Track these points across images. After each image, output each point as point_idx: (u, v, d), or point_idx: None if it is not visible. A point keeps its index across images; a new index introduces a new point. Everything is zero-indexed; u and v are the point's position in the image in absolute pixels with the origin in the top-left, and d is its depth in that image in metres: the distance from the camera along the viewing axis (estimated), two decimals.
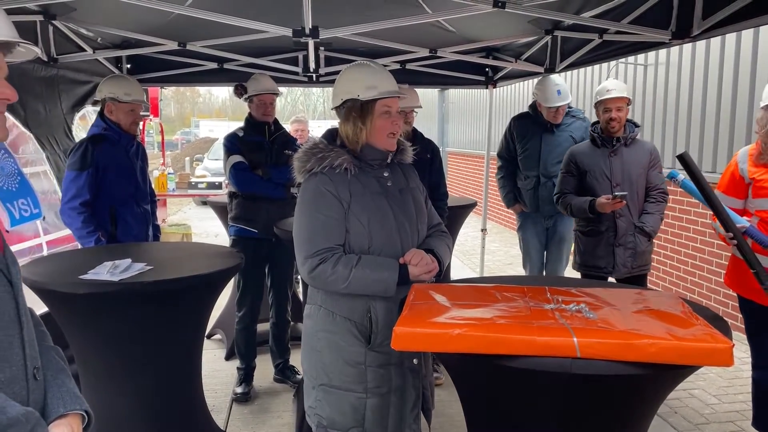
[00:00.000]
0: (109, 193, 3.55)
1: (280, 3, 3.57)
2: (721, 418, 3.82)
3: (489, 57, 5.31)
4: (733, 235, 2.67)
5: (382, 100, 2.20)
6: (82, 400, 1.36)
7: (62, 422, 1.29)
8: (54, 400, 1.31)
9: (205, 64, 5.09)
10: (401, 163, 2.40)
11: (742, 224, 2.79)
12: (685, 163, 2.52)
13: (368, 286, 2.11)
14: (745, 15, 2.87)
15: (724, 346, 1.58)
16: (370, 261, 2.13)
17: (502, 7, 3.06)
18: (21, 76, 3.87)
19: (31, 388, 1.26)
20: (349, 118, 2.21)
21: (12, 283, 1.26)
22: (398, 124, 2.25)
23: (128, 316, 2.63)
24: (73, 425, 1.30)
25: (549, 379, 1.63)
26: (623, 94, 3.70)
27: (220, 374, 4.44)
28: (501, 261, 8.78)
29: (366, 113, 2.20)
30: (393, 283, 2.11)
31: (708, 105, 5.70)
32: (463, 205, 4.67)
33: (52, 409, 1.30)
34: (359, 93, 2.19)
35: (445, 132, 15.94)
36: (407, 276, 2.15)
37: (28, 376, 1.26)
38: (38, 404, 1.28)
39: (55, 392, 1.33)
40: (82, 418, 1.35)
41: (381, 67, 2.31)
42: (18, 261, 1.35)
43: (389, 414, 2.23)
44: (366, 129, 2.20)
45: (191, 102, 58.72)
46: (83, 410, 1.35)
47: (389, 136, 2.24)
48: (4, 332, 1.21)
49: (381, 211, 2.20)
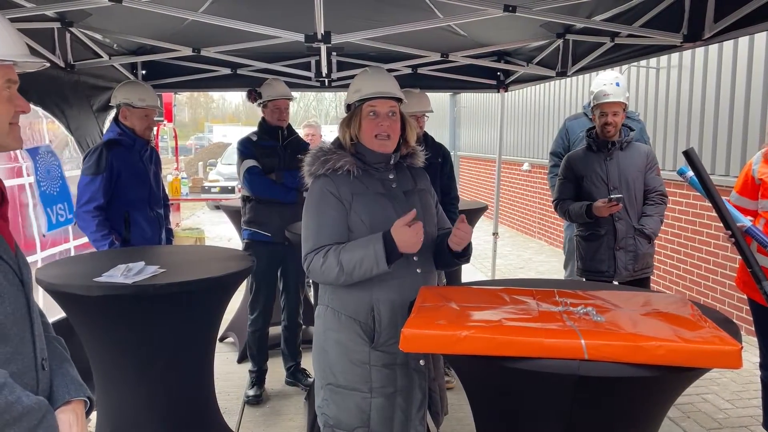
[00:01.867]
0: (123, 198, 3.59)
1: (293, 9, 3.60)
2: (734, 423, 3.79)
3: (500, 61, 5.32)
4: (731, 233, 2.67)
5: (368, 102, 2.25)
6: (85, 387, 1.45)
7: (68, 408, 1.37)
8: (60, 388, 1.40)
9: (219, 69, 5.13)
10: (411, 167, 2.43)
11: (743, 223, 2.79)
12: (690, 158, 2.54)
13: (360, 265, 2.08)
14: (758, 18, 2.85)
15: (733, 348, 1.58)
16: (354, 242, 2.15)
17: (513, 11, 3.07)
18: (51, 82, 3.95)
19: (40, 378, 1.35)
20: (344, 122, 2.33)
21: (23, 282, 1.34)
22: (386, 126, 2.25)
23: (141, 318, 2.66)
24: (77, 411, 1.39)
25: (556, 380, 1.64)
26: (620, 99, 3.69)
27: (232, 377, 4.48)
28: (513, 265, 8.76)
29: (352, 116, 2.30)
30: (381, 253, 2.05)
31: (721, 108, 5.66)
32: (473, 209, 4.68)
33: (58, 397, 1.39)
34: (349, 98, 2.33)
35: (457, 136, 15.94)
36: (395, 246, 2.06)
37: (38, 367, 1.34)
38: (46, 392, 1.37)
39: (60, 381, 1.42)
40: (85, 404, 1.43)
41: (377, 71, 2.36)
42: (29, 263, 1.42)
43: (395, 415, 2.24)
44: (350, 131, 2.29)
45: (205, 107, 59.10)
46: (86, 396, 1.43)
47: (378, 138, 2.26)
48: (18, 328, 1.29)
49: (383, 211, 2.22)
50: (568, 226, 5.13)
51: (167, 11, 3.13)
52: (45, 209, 4.31)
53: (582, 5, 3.62)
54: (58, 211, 4.53)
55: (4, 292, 1.26)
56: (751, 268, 2.66)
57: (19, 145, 1.34)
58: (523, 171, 10.85)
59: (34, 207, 4.52)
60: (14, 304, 1.29)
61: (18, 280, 1.32)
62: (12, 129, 1.31)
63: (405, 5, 3.60)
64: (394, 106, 2.29)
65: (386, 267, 2.07)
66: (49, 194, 4.36)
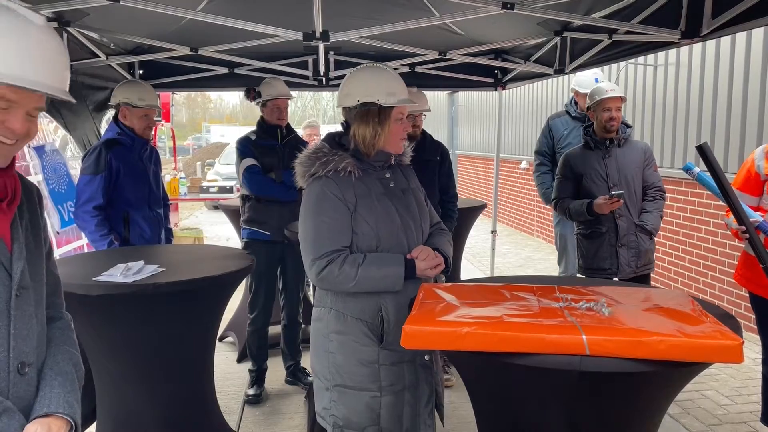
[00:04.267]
0: (122, 197, 3.59)
1: (289, 7, 3.60)
2: (734, 419, 3.79)
3: (498, 59, 5.32)
4: (745, 229, 2.67)
5: (399, 108, 2.26)
6: (73, 407, 1.35)
7: (42, 421, 1.28)
8: (41, 400, 1.31)
9: (216, 69, 5.12)
10: (400, 165, 2.44)
11: (755, 218, 2.80)
12: (704, 153, 2.54)
13: (376, 282, 2.14)
14: (755, 14, 2.85)
15: (734, 342, 1.58)
16: (376, 258, 2.17)
17: (511, 9, 3.07)
18: None
19: (12, 381, 1.26)
20: (368, 122, 2.23)
21: (11, 277, 1.28)
22: (408, 128, 2.35)
23: (141, 317, 2.66)
24: (53, 426, 1.28)
25: (558, 376, 1.64)
26: (621, 94, 3.72)
27: (232, 376, 4.47)
28: (511, 263, 8.77)
29: (384, 118, 2.24)
30: (400, 278, 2.15)
31: (718, 105, 5.67)
32: (472, 207, 4.68)
33: (36, 407, 1.30)
34: (379, 98, 2.22)
35: (455, 135, 15.95)
36: (414, 270, 2.19)
37: (11, 369, 1.26)
38: (22, 400, 1.28)
39: (45, 392, 1.33)
40: (68, 424, 1.33)
41: (396, 73, 2.36)
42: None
43: (404, 411, 2.26)
44: (384, 134, 2.24)
45: (202, 107, 59.07)
46: (68, 416, 1.33)
47: (401, 140, 2.32)
48: None
49: (387, 212, 2.24)
50: (558, 222, 5.13)
51: (165, 10, 3.13)
52: (56, 207, 4.30)
53: (580, 2, 3.63)
54: (69, 208, 4.53)
55: None
56: (764, 264, 2.66)
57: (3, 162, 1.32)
58: (521, 169, 10.86)
59: (46, 205, 4.51)
60: None
61: (6, 273, 1.27)
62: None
63: (402, 4, 3.59)
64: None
65: (400, 288, 2.17)
66: (59, 192, 4.35)
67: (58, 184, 4.40)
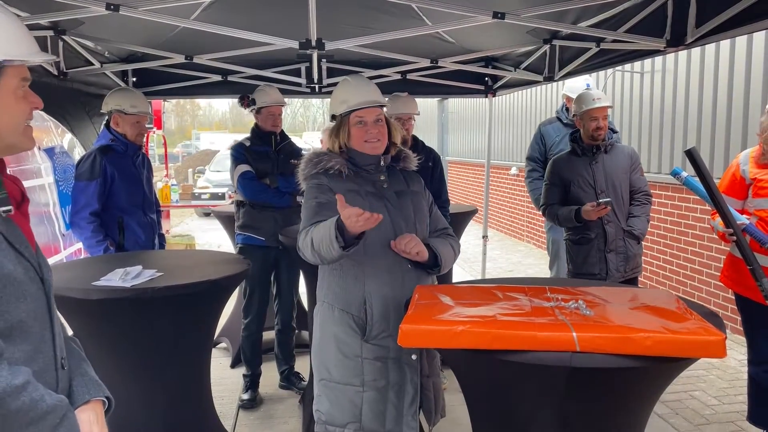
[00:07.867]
0: (117, 203, 3.62)
1: (283, 16, 3.65)
2: (721, 418, 3.87)
3: (488, 66, 5.40)
4: (733, 231, 2.74)
5: (355, 112, 2.37)
6: (104, 387, 1.46)
7: (87, 408, 1.39)
8: (79, 388, 1.41)
9: (209, 76, 5.16)
10: (404, 171, 2.50)
11: (742, 221, 2.87)
12: (692, 157, 2.61)
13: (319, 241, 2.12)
14: (738, 22, 2.94)
15: (717, 338, 1.64)
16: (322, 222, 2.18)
17: (502, 18, 3.14)
18: (46, 89, 3.99)
19: (60, 377, 1.36)
20: (332, 131, 2.44)
21: (44, 281, 1.36)
22: (375, 133, 2.37)
23: (140, 321, 2.69)
24: (97, 410, 1.41)
25: (550, 372, 1.70)
26: (608, 103, 3.77)
27: (226, 381, 4.50)
28: (502, 268, 8.84)
29: (341, 125, 2.40)
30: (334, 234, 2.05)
31: (704, 111, 5.78)
32: (463, 212, 4.74)
33: (77, 396, 1.40)
34: (335, 109, 2.43)
35: (446, 141, 16.04)
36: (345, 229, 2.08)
37: (57, 366, 1.35)
38: (65, 392, 1.38)
39: (79, 380, 1.43)
40: (103, 404, 1.45)
41: (359, 80, 2.47)
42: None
43: (386, 410, 2.30)
44: (339, 140, 2.39)
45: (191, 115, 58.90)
46: (105, 396, 1.45)
47: (368, 142, 2.38)
48: (39, 326, 1.31)
49: (374, 208, 2.27)
50: (550, 228, 5.19)
51: (161, 19, 3.17)
52: (63, 208, 4.31)
53: (568, 12, 3.71)
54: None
55: (27, 290, 1.27)
56: (750, 266, 2.73)
57: (32, 144, 1.37)
58: (511, 175, 10.95)
59: (54, 206, 4.52)
60: (36, 302, 1.30)
61: (38, 278, 1.34)
62: (26, 129, 1.34)
63: (395, 13, 3.66)
64: (380, 114, 2.40)
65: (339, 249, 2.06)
66: (66, 194, 4.35)
67: (66, 186, 4.41)
